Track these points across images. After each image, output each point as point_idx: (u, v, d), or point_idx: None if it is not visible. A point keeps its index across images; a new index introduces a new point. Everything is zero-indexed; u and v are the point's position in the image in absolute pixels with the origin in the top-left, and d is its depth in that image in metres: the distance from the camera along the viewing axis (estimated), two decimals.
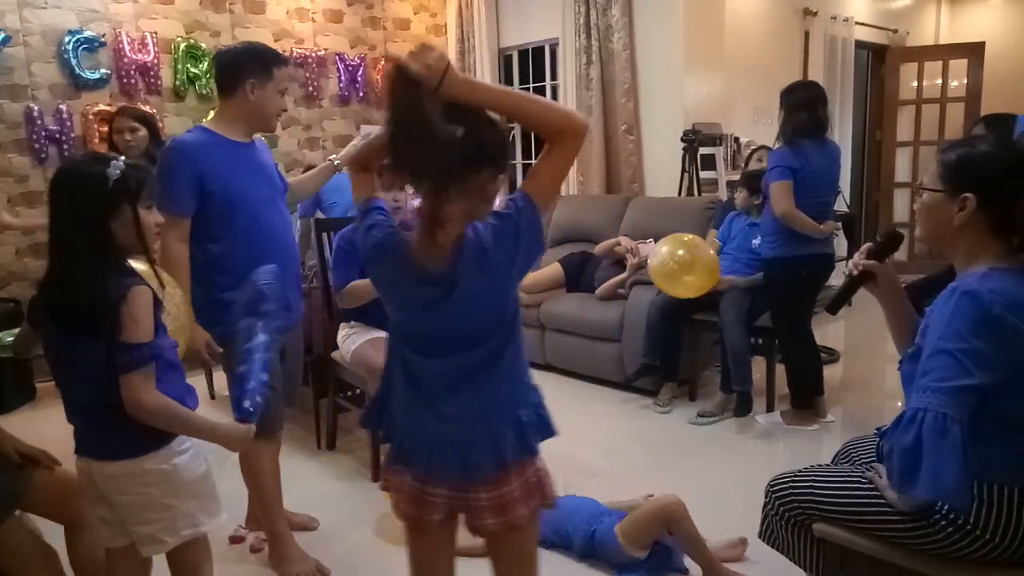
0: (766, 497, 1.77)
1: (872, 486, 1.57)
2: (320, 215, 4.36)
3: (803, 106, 3.15)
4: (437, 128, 1.17)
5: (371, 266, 1.37)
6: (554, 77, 5.56)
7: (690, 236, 3.46)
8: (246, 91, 2.14)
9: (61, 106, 4.20)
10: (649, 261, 3.46)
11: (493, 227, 1.29)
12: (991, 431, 1.38)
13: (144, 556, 1.59)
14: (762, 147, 3.95)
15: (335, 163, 2.67)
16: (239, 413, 1.58)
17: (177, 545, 1.57)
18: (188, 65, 4.59)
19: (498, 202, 1.34)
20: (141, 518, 1.53)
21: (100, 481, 1.53)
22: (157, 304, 1.51)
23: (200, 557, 1.67)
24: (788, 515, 1.71)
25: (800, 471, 1.77)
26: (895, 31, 6.71)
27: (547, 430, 1.42)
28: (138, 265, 1.56)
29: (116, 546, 1.61)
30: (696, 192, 4.62)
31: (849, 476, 1.64)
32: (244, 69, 2.14)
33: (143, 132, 3.07)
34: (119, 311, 1.42)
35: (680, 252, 3.33)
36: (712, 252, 3.44)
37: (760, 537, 1.81)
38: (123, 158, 1.53)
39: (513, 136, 5.98)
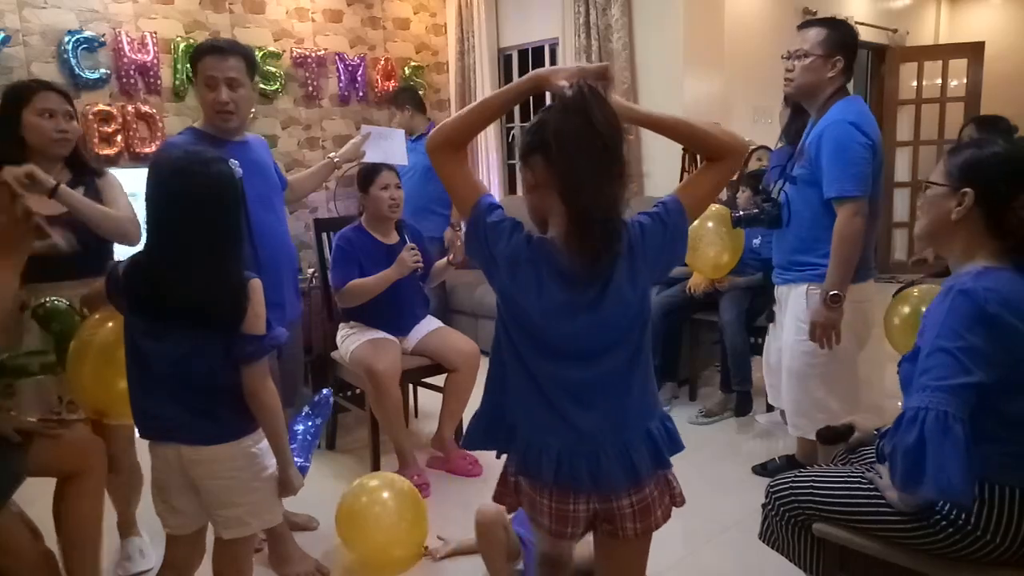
0: (766, 497, 1.78)
1: (872, 486, 1.57)
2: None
3: None
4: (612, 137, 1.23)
5: (515, 268, 1.29)
6: None
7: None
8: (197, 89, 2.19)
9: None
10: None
11: (642, 225, 1.31)
12: (990, 429, 1.39)
13: (226, 539, 1.64)
14: (762, 147, 3.93)
15: (335, 160, 2.68)
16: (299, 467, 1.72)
17: (247, 535, 1.65)
18: (188, 65, 4.58)
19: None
20: (228, 502, 1.59)
21: (190, 466, 1.57)
22: None
23: (248, 553, 1.73)
24: (788, 515, 1.71)
25: (800, 471, 1.77)
26: (895, 31, 6.71)
27: (676, 444, 1.42)
28: None
29: (181, 534, 1.68)
30: None
31: (849, 476, 1.64)
32: (192, 69, 2.20)
33: (76, 123, 2.13)
34: (243, 303, 1.50)
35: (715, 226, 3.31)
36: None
37: (760, 538, 1.81)
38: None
39: (513, 136, 5.97)
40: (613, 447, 1.33)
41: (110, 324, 1.74)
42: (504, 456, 1.49)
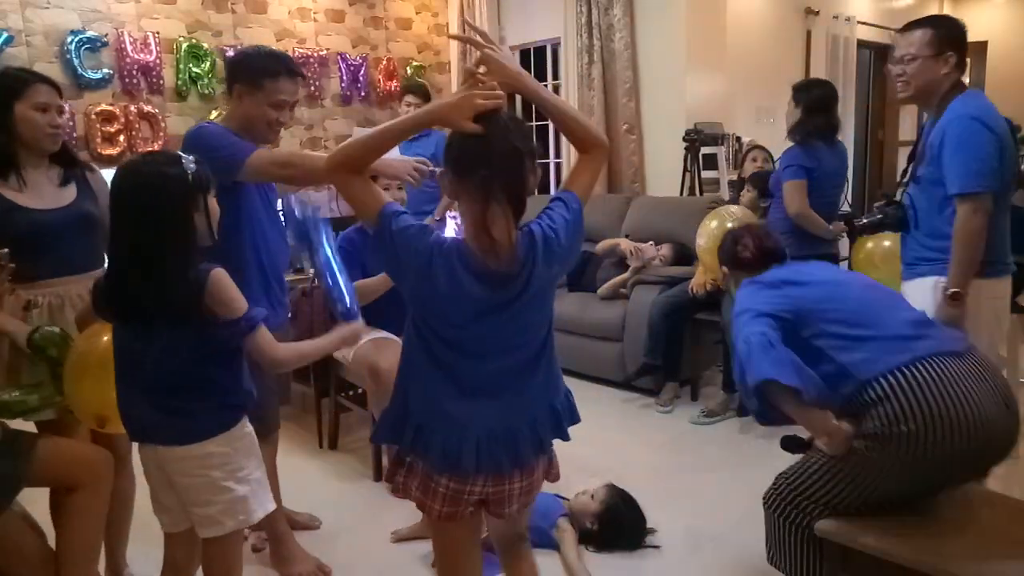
0: (765, 509, 1.81)
1: (825, 456, 1.72)
2: None
3: (821, 107, 3.12)
4: (515, 147, 1.29)
5: (427, 270, 1.31)
6: (556, 76, 5.55)
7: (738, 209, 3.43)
8: (236, 95, 2.13)
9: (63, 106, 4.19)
10: (699, 240, 3.37)
11: (551, 215, 1.37)
12: (839, 344, 1.71)
13: (203, 537, 1.64)
14: (757, 147, 3.93)
15: None
16: (343, 316, 1.82)
17: (232, 531, 1.64)
18: (190, 65, 4.59)
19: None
20: (201, 499, 1.60)
21: (164, 464, 1.60)
22: None
23: (236, 555, 1.72)
24: (788, 523, 1.75)
25: (782, 475, 1.85)
26: (897, 30, 6.70)
27: (574, 416, 1.50)
28: None
29: (174, 531, 1.71)
30: (698, 192, 4.62)
31: (808, 460, 1.78)
32: (235, 74, 2.14)
33: (65, 117, 2.09)
34: (204, 296, 1.50)
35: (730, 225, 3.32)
36: None
37: (769, 562, 1.86)
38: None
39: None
40: (525, 426, 1.40)
41: (105, 336, 1.74)
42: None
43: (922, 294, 2.26)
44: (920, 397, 1.61)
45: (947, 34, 2.29)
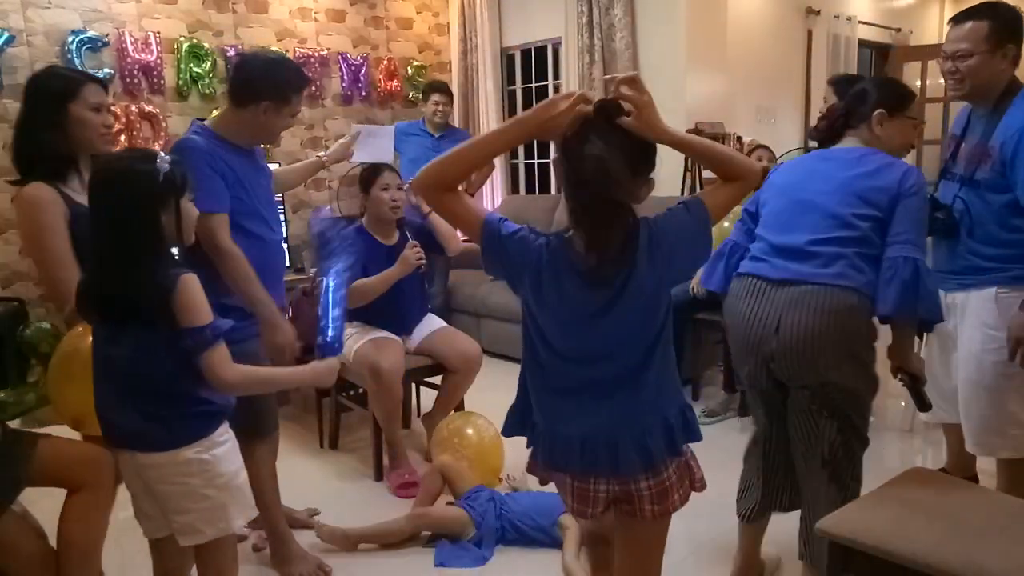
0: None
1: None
2: None
3: None
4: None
5: (538, 278, 1.33)
6: (556, 76, 5.55)
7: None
8: (259, 110, 2.09)
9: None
10: None
11: (666, 216, 1.36)
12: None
13: (183, 545, 1.63)
14: (761, 146, 3.93)
15: (323, 159, 2.70)
16: (320, 347, 1.73)
17: (213, 539, 1.61)
18: (191, 65, 4.60)
19: None
20: (180, 507, 1.58)
21: (142, 471, 1.58)
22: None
23: (228, 559, 1.70)
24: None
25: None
26: (898, 30, 6.70)
27: (693, 433, 1.45)
28: None
29: (157, 537, 1.69)
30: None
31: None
32: (262, 92, 2.08)
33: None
34: (171, 300, 1.47)
35: None
36: None
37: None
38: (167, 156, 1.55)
39: None
40: (630, 435, 1.36)
41: (90, 337, 1.74)
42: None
43: (980, 306, 2.11)
44: (728, 304, 1.97)
45: (1005, 25, 2.05)
